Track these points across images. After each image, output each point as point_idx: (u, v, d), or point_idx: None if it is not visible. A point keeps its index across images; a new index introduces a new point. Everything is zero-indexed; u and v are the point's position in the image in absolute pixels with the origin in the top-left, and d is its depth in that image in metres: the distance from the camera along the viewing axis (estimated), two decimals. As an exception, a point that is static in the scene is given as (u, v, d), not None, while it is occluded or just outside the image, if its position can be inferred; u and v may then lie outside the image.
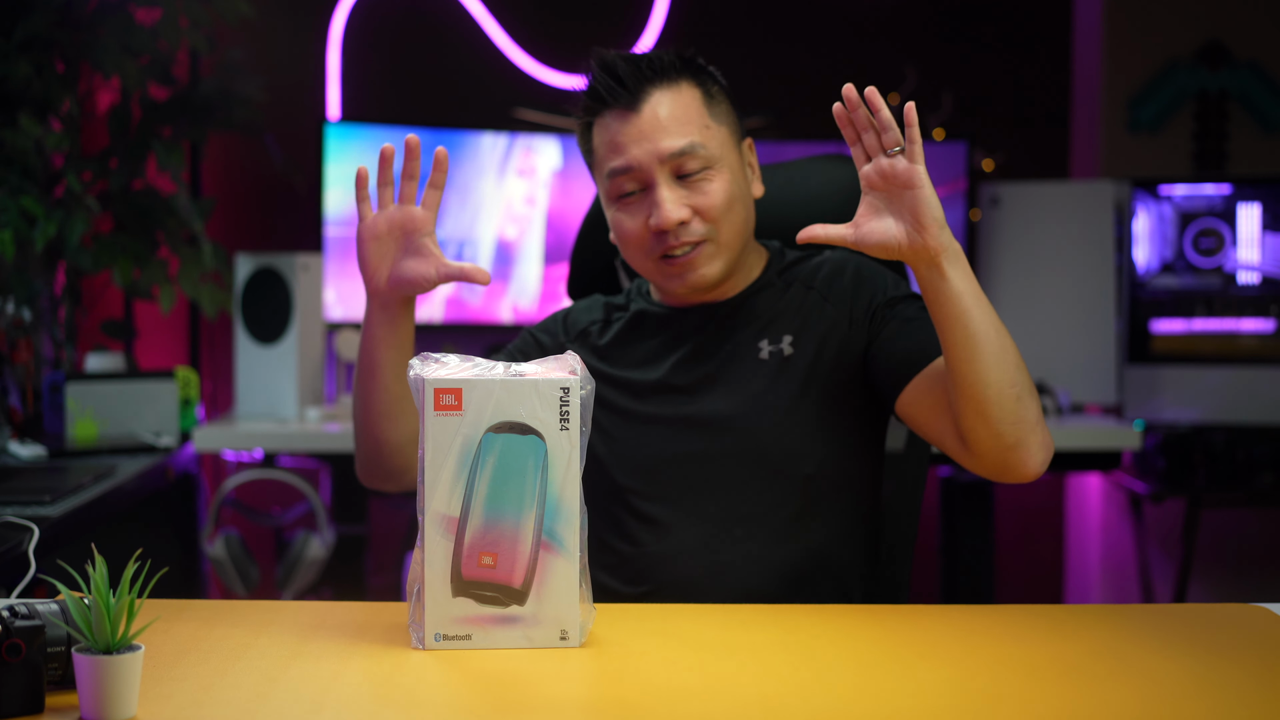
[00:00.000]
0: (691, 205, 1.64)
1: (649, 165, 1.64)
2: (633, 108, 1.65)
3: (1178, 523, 3.38)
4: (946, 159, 3.54)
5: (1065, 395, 3.39)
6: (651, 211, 1.64)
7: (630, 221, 1.67)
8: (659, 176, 1.64)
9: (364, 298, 1.64)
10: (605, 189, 1.69)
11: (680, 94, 1.66)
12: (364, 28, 3.73)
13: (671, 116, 1.64)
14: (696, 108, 1.66)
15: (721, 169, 1.66)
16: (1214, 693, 1.23)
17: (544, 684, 1.27)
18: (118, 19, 3.10)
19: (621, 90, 1.65)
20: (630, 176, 1.65)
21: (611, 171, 1.66)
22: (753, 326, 1.71)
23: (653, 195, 1.64)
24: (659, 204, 1.63)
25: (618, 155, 1.65)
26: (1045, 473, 1.55)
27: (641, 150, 1.64)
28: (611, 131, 1.66)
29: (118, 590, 1.14)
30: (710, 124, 1.66)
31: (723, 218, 1.65)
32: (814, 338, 1.69)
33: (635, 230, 1.67)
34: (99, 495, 2.34)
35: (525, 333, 1.84)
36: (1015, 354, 1.48)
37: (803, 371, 1.68)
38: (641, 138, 1.64)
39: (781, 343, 1.69)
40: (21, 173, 2.96)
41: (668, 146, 1.63)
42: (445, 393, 1.34)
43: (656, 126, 1.64)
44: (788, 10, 3.85)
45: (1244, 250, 3.38)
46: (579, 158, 3.52)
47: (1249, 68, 3.69)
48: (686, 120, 1.64)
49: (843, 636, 1.41)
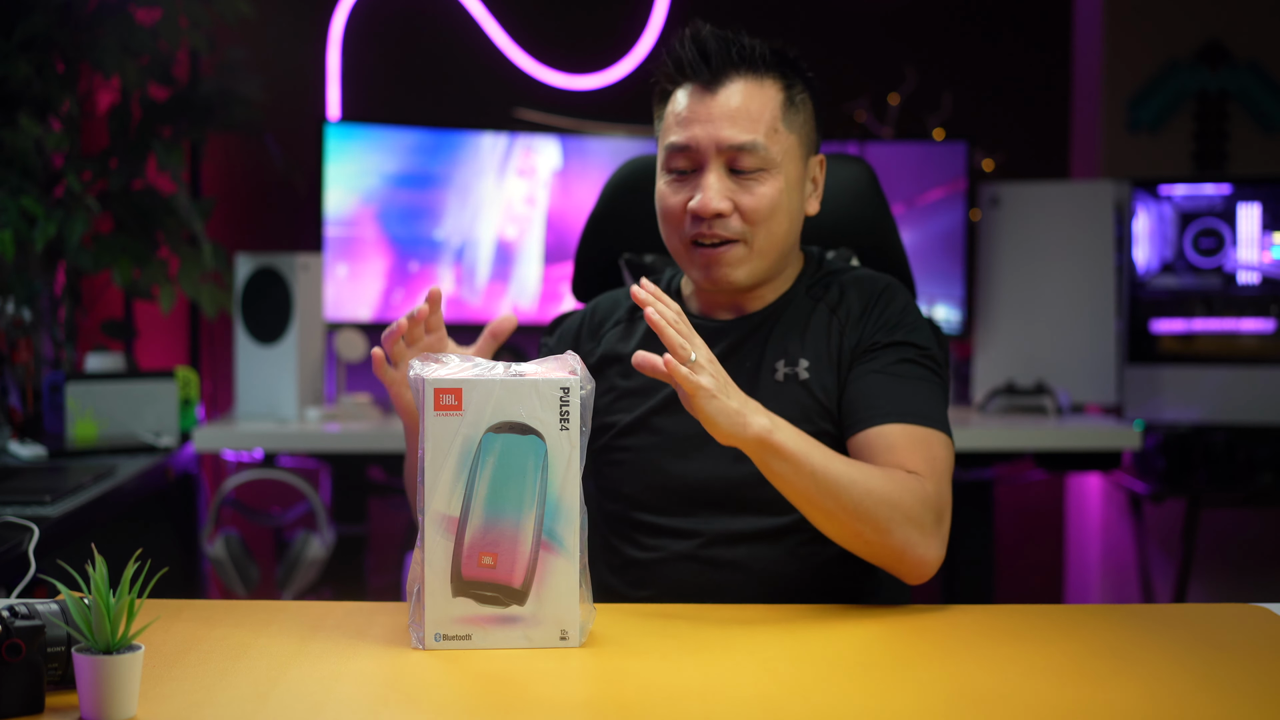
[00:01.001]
0: (735, 201, 1.62)
1: (706, 149, 1.62)
2: (710, 88, 1.62)
3: (1178, 523, 3.38)
4: (946, 159, 3.54)
5: (1065, 395, 3.39)
6: (695, 193, 1.62)
7: (673, 197, 1.65)
8: (712, 163, 1.62)
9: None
10: (661, 158, 1.68)
11: (762, 88, 1.64)
12: (364, 28, 3.72)
13: (744, 108, 1.62)
14: (773, 107, 1.64)
15: (777, 175, 1.63)
16: (1214, 693, 1.23)
17: (544, 684, 1.27)
18: (118, 19, 3.10)
19: (704, 67, 1.62)
20: (686, 155, 1.63)
21: (671, 145, 1.64)
22: (773, 344, 1.70)
23: (701, 178, 1.62)
24: (704, 189, 1.61)
25: (680, 130, 1.63)
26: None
27: (704, 132, 1.61)
28: (682, 106, 1.64)
29: (118, 590, 1.14)
30: (780, 128, 1.64)
31: (763, 223, 1.63)
32: (827, 366, 1.67)
33: (675, 206, 1.65)
34: (99, 495, 2.34)
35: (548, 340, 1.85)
36: (855, 506, 1.48)
37: (813, 397, 1.66)
38: (709, 119, 1.61)
39: (798, 366, 1.68)
40: (21, 173, 2.96)
41: (730, 137, 1.61)
42: (445, 393, 1.34)
43: (726, 113, 1.61)
44: (787, 10, 3.85)
45: (1244, 250, 3.38)
46: (579, 158, 3.55)
47: (1249, 68, 3.69)
48: (758, 117, 1.62)
49: (843, 636, 1.41)
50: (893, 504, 1.50)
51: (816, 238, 1.87)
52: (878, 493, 1.49)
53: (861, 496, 1.48)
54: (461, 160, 3.44)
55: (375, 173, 3.38)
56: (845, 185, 1.91)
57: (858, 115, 3.76)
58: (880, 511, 1.49)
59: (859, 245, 1.89)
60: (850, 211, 1.91)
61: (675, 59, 1.65)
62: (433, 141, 3.43)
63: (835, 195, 1.90)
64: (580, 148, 3.53)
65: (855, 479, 1.49)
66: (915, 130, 3.73)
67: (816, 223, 1.88)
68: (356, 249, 3.36)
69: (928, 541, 1.52)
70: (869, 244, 1.90)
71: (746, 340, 1.71)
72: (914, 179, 3.54)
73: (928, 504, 1.53)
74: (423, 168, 3.42)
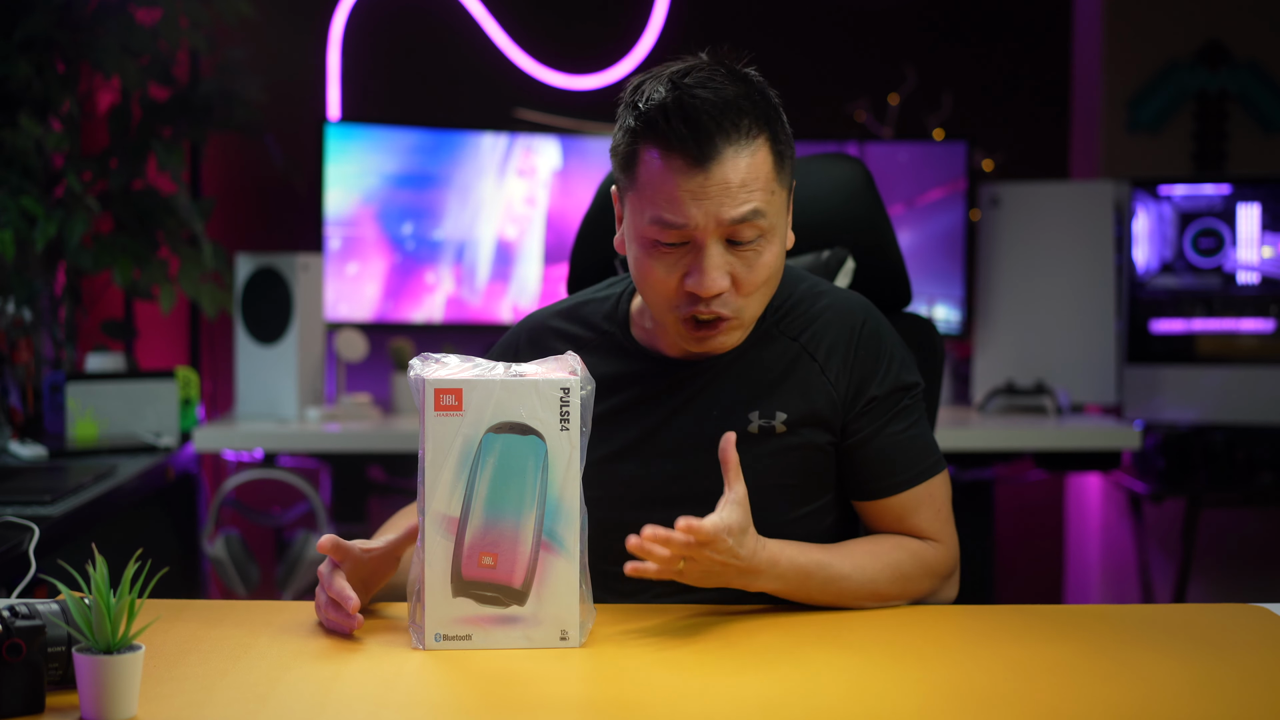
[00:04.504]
0: (734, 275, 1.50)
1: (704, 228, 1.48)
2: (700, 163, 1.46)
3: (1178, 523, 3.38)
4: (946, 159, 3.54)
5: (1065, 395, 3.39)
6: (691, 272, 1.49)
7: (662, 273, 1.51)
8: (710, 240, 1.48)
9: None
10: (640, 226, 1.51)
11: (754, 154, 1.49)
12: (364, 28, 3.72)
13: (741, 181, 1.48)
14: (767, 170, 1.50)
15: (774, 238, 1.52)
16: (1213, 693, 1.23)
17: (544, 684, 1.27)
18: (118, 19, 3.11)
19: (692, 142, 1.46)
20: (684, 234, 1.49)
21: (660, 220, 1.49)
22: (745, 391, 1.60)
23: (698, 258, 1.49)
24: (704, 271, 1.49)
25: (671, 208, 1.48)
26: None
27: (701, 211, 1.47)
28: (670, 181, 1.48)
29: (118, 590, 1.14)
30: (775, 189, 1.51)
31: (759, 292, 1.53)
32: (807, 419, 1.59)
33: (666, 283, 1.51)
34: (99, 495, 2.34)
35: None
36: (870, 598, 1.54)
37: (791, 453, 1.59)
38: (705, 196, 1.47)
39: (775, 419, 1.59)
40: (21, 173, 2.96)
41: (730, 214, 1.47)
42: (445, 393, 1.34)
43: (724, 190, 1.47)
44: (787, 10, 3.85)
45: (1244, 250, 3.38)
46: (579, 158, 3.55)
47: (1249, 68, 3.69)
48: (755, 185, 1.48)
49: (842, 637, 1.41)
50: (905, 579, 1.56)
51: (812, 238, 1.87)
52: (885, 578, 1.55)
53: (869, 595, 1.54)
54: (461, 160, 3.44)
55: (375, 173, 3.38)
56: (840, 184, 1.90)
57: (858, 115, 3.76)
58: (894, 591, 1.56)
59: (854, 244, 1.88)
60: (845, 211, 1.90)
61: (658, 127, 1.48)
62: (433, 141, 3.42)
63: (830, 195, 1.89)
64: (580, 148, 3.53)
65: (863, 581, 1.53)
66: (915, 130, 3.73)
67: (812, 223, 1.87)
68: (356, 249, 3.37)
69: (940, 593, 1.62)
70: (864, 243, 1.89)
71: (712, 384, 1.61)
72: (914, 179, 3.54)
73: (936, 566, 1.60)
74: (423, 168, 3.42)
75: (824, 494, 1.63)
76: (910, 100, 3.77)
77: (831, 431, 1.61)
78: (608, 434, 1.60)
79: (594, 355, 1.61)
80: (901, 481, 1.60)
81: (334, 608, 1.41)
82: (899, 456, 1.60)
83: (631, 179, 1.53)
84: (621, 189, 1.56)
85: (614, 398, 1.62)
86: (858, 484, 1.62)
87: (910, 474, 1.60)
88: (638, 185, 1.52)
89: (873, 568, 1.54)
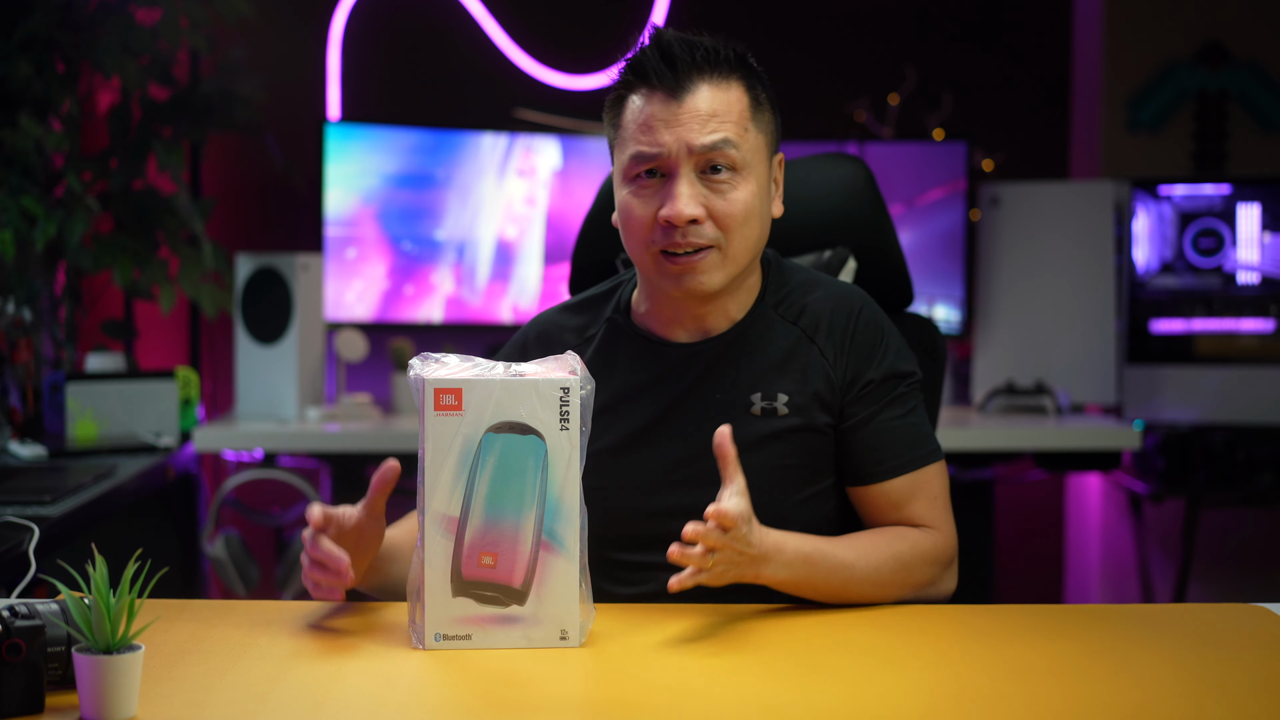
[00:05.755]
0: (708, 206, 1.55)
1: (677, 153, 1.55)
2: (675, 94, 1.56)
3: (1178, 523, 3.38)
4: (946, 159, 3.54)
5: (1065, 395, 3.39)
6: (666, 202, 1.55)
7: (641, 208, 1.57)
8: (683, 168, 1.55)
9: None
10: (623, 167, 1.60)
11: (728, 91, 1.57)
12: (364, 28, 3.72)
13: (712, 111, 1.55)
14: (740, 107, 1.57)
15: (748, 177, 1.57)
16: (1213, 693, 1.23)
17: (544, 684, 1.27)
18: (118, 19, 3.11)
19: (669, 73, 1.56)
20: (655, 162, 1.56)
21: (637, 154, 1.57)
22: (746, 373, 1.62)
23: (671, 185, 1.55)
24: (675, 196, 1.54)
25: (647, 137, 1.56)
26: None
27: (673, 137, 1.55)
28: (646, 113, 1.57)
29: (118, 590, 1.14)
30: (750, 128, 1.58)
31: (737, 229, 1.56)
32: (808, 401, 1.61)
33: (643, 218, 1.57)
34: (99, 495, 2.34)
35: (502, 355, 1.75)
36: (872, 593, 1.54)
37: (793, 435, 1.61)
38: (676, 124, 1.55)
39: (776, 400, 1.61)
40: (21, 173, 2.96)
41: (700, 139, 1.54)
42: (445, 393, 1.34)
43: (695, 116, 1.55)
44: (787, 10, 3.85)
45: (1244, 250, 3.38)
46: (579, 158, 3.54)
47: (1249, 68, 3.69)
48: (727, 117, 1.56)
49: (842, 636, 1.41)
50: (907, 569, 1.56)
51: (814, 238, 1.87)
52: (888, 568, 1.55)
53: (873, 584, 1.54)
54: (461, 160, 3.44)
55: (375, 173, 3.38)
56: (841, 184, 1.90)
57: (858, 115, 3.76)
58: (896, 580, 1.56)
59: (855, 244, 1.88)
60: (847, 211, 1.90)
61: (637, 65, 1.60)
62: (433, 141, 3.42)
63: (831, 194, 1.89)
64: (580, 148, 3.53)
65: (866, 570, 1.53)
66: (915, 130, 3.73)
67: (813, 223, 1.87)
68: (356, 249, 3.36)
69: (941, 583, 1.61)
70: (865, 243, 1.89)
71: (714, 367, 1.63)
72: (914, 179, 3.54)
73: (936, 555, 1.60)
74: (423, 168, 3.42)
75: (825, 477, 1.64)
76: (910, 100, 3.76)
77: (831, 413, 1.62)
78: (612, 422, 1.63)
79: (600, 344, 1.67)
80: (896, 466, 1.60)
81: (320, 569, 1.40)
82: (893, 442, 1.61)
83: (617, 127, 1.62)
84: (611, 146, 1.65)
85: (618, 386, 1.65)
86: (853, 469, 1.62)
87: (905, 459, 1.60)
88: (621, 129, 1.61)
89: (876, 557, 1.54)
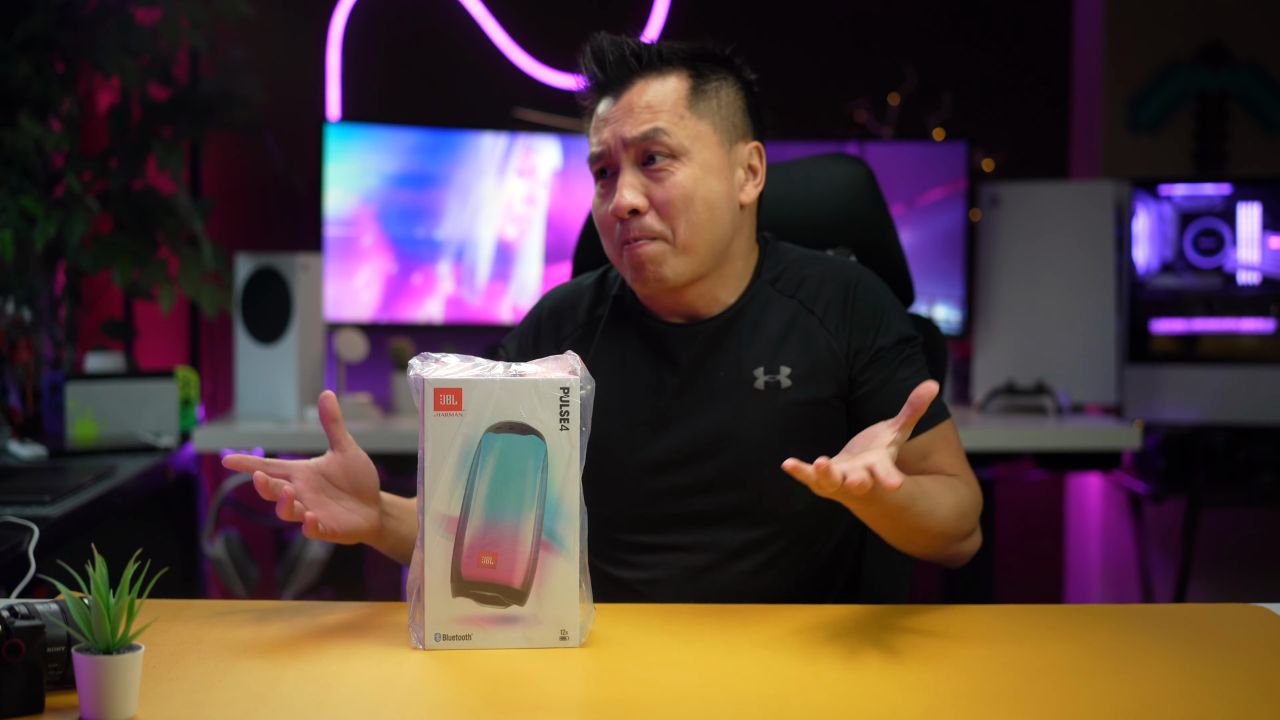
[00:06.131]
0: (650, 195, 1.59)
1: (615, 149, 1.60)
2: (616, 94, 1.62)
3: (1178, 523, 3.38)
4: (946, 159, 3.54)
5: (1065, 395, 3.39)
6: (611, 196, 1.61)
7: (600, 206, 1.64)
8: (623, 162, 1.60)
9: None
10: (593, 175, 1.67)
11: (664, 83, 1.62)
12: (364, 28, 3.72)
13: (645, 104, 1.60)
14: (676, 98, 1.61)
15: (688, 162, 1.59)
16: (1213, 693, 1.23)
17: (544, 684, 1.27)
18: (118, 19, 3.10)
19: (603, 76, 1.63)
20: (602, 161, 1.62)
21: (590, 156, 1.64)
22: (748, 349, 1.64)
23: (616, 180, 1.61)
24: (617, 189, 1.60)
25: (596, 138, 1.63)
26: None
27: (610, 132, 1.61)
28: (597, 116, 1.64)
29: (118, 590, 1.14)
30: (686, 114, 1.60)
31: (680, 214, 1.58)
32: (812, 372, 1.63)
33: (603, 217, 1.63)
34: (99, 495, 2.34)
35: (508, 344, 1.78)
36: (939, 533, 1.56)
37: (799, 407, 1.63)
38: (614, 120, 1.61)
39: (779, 374, 1.63)
40: (21, 173, 2.96)
41: (629, 132, 1.59)
42: (445, 393, 1.34)
43: (628, 111, 1.60)
44: (787, 10, 3.85)
45: (1244, 250, 3.38)
46: (579, 157, 3.54)
47: (1249, 68, 3.69)
48: (659, 108, 1.60)
49: (842, 636, 1.41)
50: (963, 515, 1.60)
51: (815, 238, 1.87)
52: (953, 516, 1.58)
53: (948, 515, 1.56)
54: (461, 160, 3.44)
55: (375, 173, 3.38)
56: (842, 184, 1.91)
57: (858, 115, 3.76)
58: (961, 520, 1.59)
59: (857, 244, 1.89)
60: (848, 211, 1.91)
61: (585, 76, 1.66)
62: (433, 141, 3.42)
63: (832, 194, 1.90)
64: (580, 148, 3.53)
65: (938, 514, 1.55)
66: (915, 130, 3.73)
67: (814, 223, 1.87)
68: (356, 249, 3.37)
69: (977, 535, 1.67)
70: (867, 242, 1.89)
71: (718, 344, 1.65)
72: (914, 179, 3.54)
73: (976, 503, 1.64)
74: (423, 168, 3.42)
75: (832, 449, 1.63)
76: (910, 100, 3.76)
77: (838, 383, 1.64)
78: (620, 403, 1.65)
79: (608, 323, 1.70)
80: (921, 421, 1.60)
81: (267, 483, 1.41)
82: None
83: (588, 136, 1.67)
84: None
85: (625, 366, 1.68)
86: None
87: (927, 413, 1.61)
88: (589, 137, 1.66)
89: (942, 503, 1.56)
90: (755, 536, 1.63)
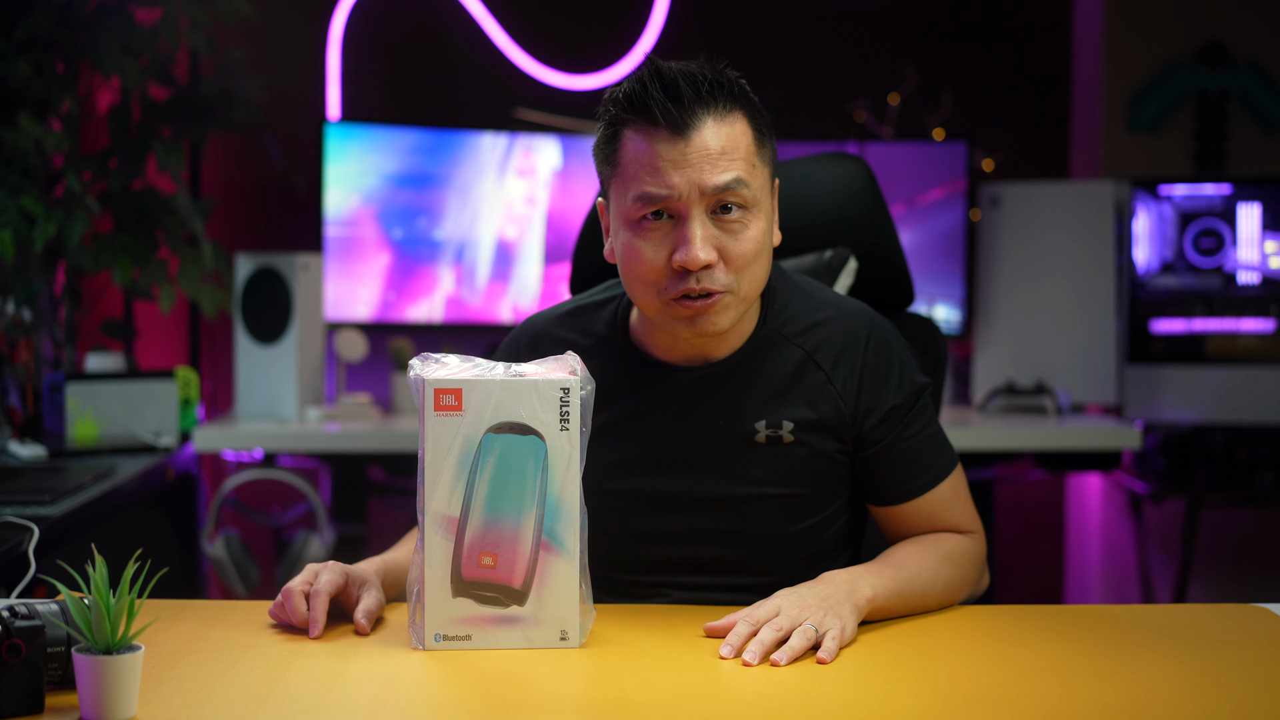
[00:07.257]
0: (720, 248, 1.48)
1: (688, 196, 1.47)
2: (681, 132, 1.47)
3: (1178, 523, 3.38)
4: (946, 159, 3.54)
5: (1065, 395, 3.39)
6: (679, 247, 1.47)
7: (651, 252, 1.49)
8: (694, 210, 1.47)
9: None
10: (624, 209, 1.51)
11: (733, 125, 1.50)
12: (364, 28, 3.72)
13: (721, 149, 1.48)
14: (747, 143, 1.50)
15: (759, 214, 1.51)
16: (1213, 693, 1.23)
17: (544, 684, 1.27)
18: (118, 19, 3.10)
19: (673, 110, 1.47)
20: (663, 204, 1.48)
21: (644, 195, 1.48)
22: (751, 399, 1.58)
23: (683, 230, 1.48)
24: (689, 241, 1.47)
25: (654, 179, 1.47)
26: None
27: (683, 179, 1.47)
28: (651, 153, 1.48)
29: (118, 590, 1.14)
30: (757, 164, 1.51)
31: (748, 269, 1.50)
32: (815, 427, 1.58)
33: (654, 262, 1.49)
34: (99, 495, 2.34)
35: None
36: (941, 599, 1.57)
37: (801, 462, 1.58)
38: (686, 165, 1.47)
39: (781, 428, 1.57)
40: (21, 173, 2.96)
41: (713, 180, 1.47)
42: (445, 393, 1.34)
43: (705, 156, 1.47)
44: (787, 10, 3.85)
45: (1244, 250, 3.38)
46: (579, 158, 3.54)
47: (1249, 68, 3.69)
48: (735, 154, 1.49)
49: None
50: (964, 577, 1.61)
51: (814, 238, 1.87)
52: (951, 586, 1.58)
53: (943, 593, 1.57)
54: (461, 160, 3.44)
55: (375, 173, 3.38)
56: (842, 184, 1.90)
57: (858, 115, 3.76)
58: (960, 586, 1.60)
59: (856, 244, 1.88)
60: (848, 210, 1.90)
61: (638, 101, 1.49)
62: (433, 141, 3.42)
63: (832, 194, 1.89)
64: (580, 148, 3.52)
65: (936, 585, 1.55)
66: (915, 130, 3.73)
67: (814, 222, 1.87)
68: (356, 249, 3.37)
69: (984, 578, 1.69)
70: (866, 243, 1.89)
71: (717, 393, 1.59)
72: (914, 179, 3.54)
73: (980, 555, 1.65)
74: (423, 168, 3.42)
75: (833, 502, 1.62)
76: (910, 100, 3.76)
77: (841, 440, 1.60)
78: (612, 443, 1.59)
79: (595, 362, 1.58)
80: (925, 482, 1.61)
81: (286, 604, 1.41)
82: (920, 458, 1.61)
83: (614, 166, 1.53)
84: (605, 183, 1.56)
85: (617, 406, 1.60)
86: (883, 490, 1.62)
87: (935, 470, 1.61)
88: (620, 168, 1.51)
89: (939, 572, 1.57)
90: (754, 580, 1.59)
